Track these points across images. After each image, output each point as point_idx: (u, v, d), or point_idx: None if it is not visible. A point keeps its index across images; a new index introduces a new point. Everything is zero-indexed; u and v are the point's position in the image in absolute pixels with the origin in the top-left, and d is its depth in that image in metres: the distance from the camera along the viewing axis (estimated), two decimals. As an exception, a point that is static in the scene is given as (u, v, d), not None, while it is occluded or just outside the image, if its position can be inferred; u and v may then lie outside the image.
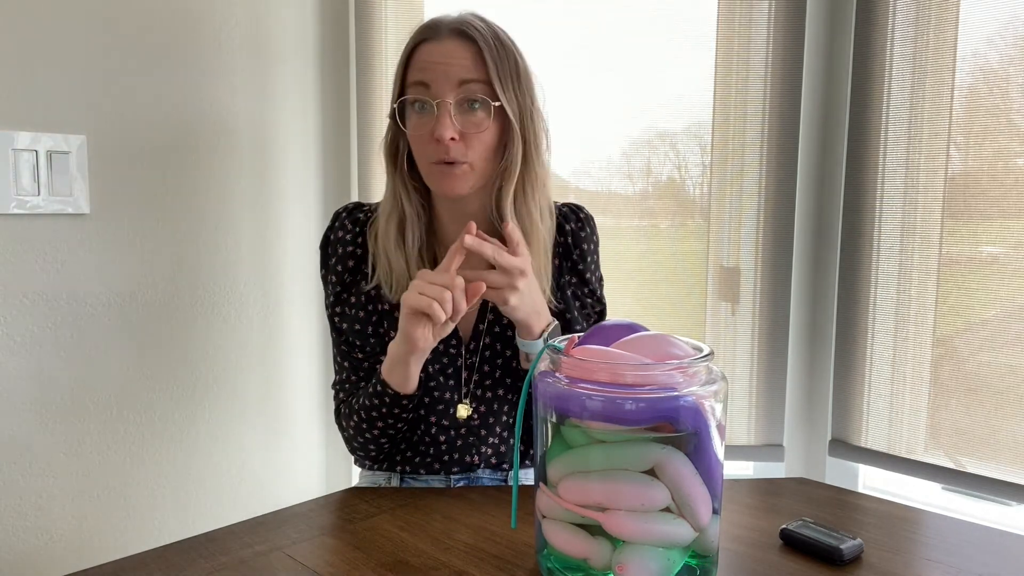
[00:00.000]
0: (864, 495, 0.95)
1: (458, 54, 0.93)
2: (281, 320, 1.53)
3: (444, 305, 0.85)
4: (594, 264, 1.09)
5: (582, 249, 1.06)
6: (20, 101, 1.15)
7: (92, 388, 1.26)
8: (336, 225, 1.06)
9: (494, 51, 0.94)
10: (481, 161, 0.95)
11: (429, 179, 0.97)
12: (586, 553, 0.66)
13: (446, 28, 0.95)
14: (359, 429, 0.98)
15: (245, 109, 1.44)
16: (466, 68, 0.93)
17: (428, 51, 0.94)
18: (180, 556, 0.76)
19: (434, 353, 1.00)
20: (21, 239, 1.17)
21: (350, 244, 1.04)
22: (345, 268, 1.04)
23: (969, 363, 1.29)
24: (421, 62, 0.94)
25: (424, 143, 0.94)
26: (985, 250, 1.27)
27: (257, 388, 1.50)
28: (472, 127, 0.93)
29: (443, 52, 0.93)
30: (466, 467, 1.03)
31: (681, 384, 0.64)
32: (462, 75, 0.92)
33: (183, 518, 1.40)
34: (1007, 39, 1.23)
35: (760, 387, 1.48)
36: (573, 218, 1.07)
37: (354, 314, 1.03)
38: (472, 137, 0.93)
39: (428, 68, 0.93)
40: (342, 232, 1.04)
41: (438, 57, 0.93)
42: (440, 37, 0.94)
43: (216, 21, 1.38)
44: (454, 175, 0.94)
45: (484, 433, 1.03)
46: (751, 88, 1.42)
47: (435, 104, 0.92)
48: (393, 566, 0.74)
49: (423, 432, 1.02)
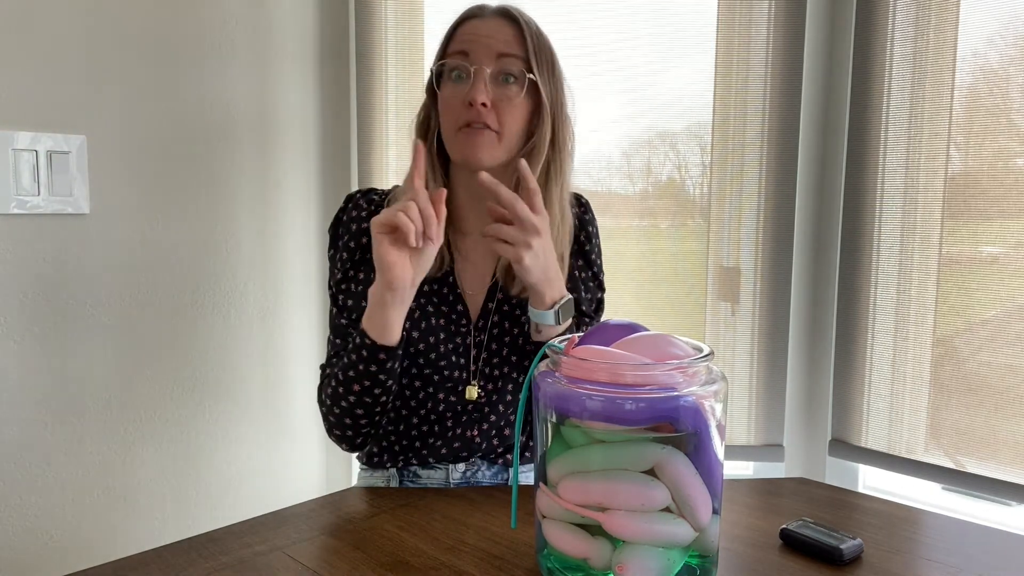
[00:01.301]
0: (864, 495, 0.95)
1: (501, 30, 0.97)
2: (281, 320, 1.53)
3: (410, 213, 0.83)
4: (598, 247, 1.11)
5: (587, 232, 1.09)
6: (20, 101, 1.15)
7: (92, 388, 1.26)
8: (349, 206, 1.05)
9: (534, 36, 0.98)
10: (509, 132, 0.96)
11: (454, 145, 0.97)
12: (586, 553, 0.66)
13: (491, 9, 1.00)
14: (335, 396, 0.94)
15: (245, 109, 1.44)
16: (506, 43, 0.96)
17: (472, 26, 0.98)
18: (180, 556, 0.76)
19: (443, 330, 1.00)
20: (21, 239, 1.17)
21: (364, 221, 1.02)
22: (358, 245, 1.02)
23: (969, 363, 1.29)
24: (464, 35, 0.98)
25: (455, 108, 0.96)
26: (985, 250, 1.27)
27: (257, 388, 1.50)
28: (505, 98, 0.96)
29: (487, 27, 0.97)
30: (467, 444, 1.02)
31: (681, 384, 0.64)
32: (501, 48, 0.95)
33: (183, 518, 1.40)
34: (1007, 39, 1.23)
35: (760, 387, 1.48)
36: (575, 203, 1.09)
37: (361, 291, 1.00)
38: (504, 107, 0.95)
39: (470, 40, 0.97)
40: (355, 211, 1.03)
41: (482, 31, 0.97)
42: (485, 15, 0.99)
43: (216, 21, 1.38)
44: (480, 140, 0.95)
45: (488, 411, 1.02)
46: (751, 88, 1.42)
47: (472, 70, 0.95)
48: (393, 566, 0.74)
49: (431, 408, 1.01)
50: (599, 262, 1.11)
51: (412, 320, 1.00)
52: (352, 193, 1.07)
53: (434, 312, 1.01)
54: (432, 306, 1.01)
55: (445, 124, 0.98)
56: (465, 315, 1.02)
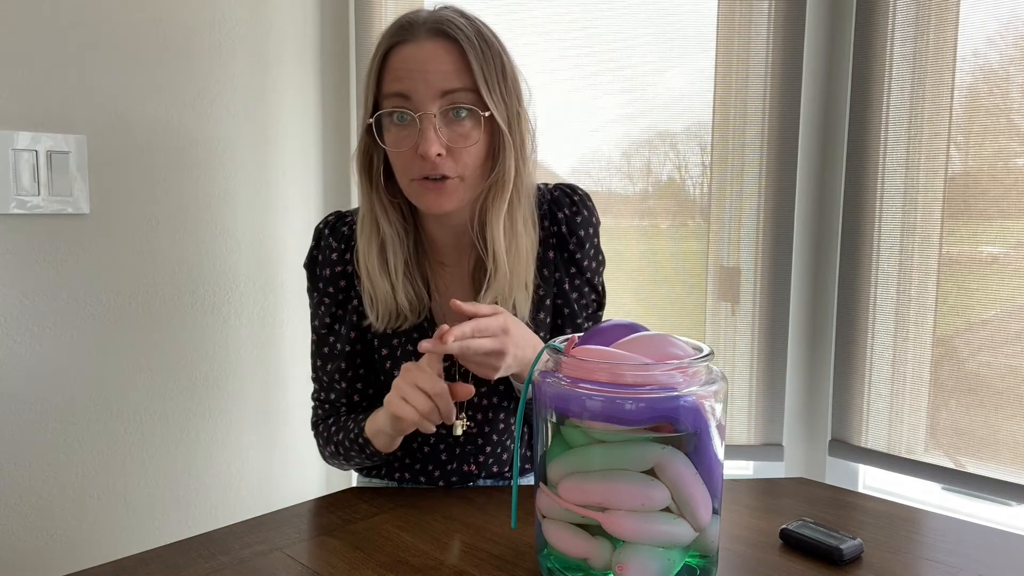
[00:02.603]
0: (864, 495, 0.95)
1: (439, 58, 0.83)
2: (281, 320, 1.53)
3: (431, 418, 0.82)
4: (593, 249, 1.00)
5: (579, 236, 0.98)
6: (20, 101, 1.15)
7: (92, 388, 1.26)
8: (321, 244, 0.99)
9: (479, 52, 0.84)
10: (471, 174, 0.87)
11: (412, 196, 0.89)
12: (586, 553, 0.66)
13: (423, 28, 0.84)
14: (336, 455, 0.98)
15: (245, 109, 1.44)
16: (449, 75, 0.83)
17: (404, 56, 0.84)
18: (180, 556, 0.76)
19: None
20: (21, 239, 1.17)
21: (337, 264, 0.97)
22: (337, 288, 0.97)
23: (969, 363, 1.29)
24: (397, 69, 0.85)
25: (407, 159, 0.86)
26: (985, 250, 1.27)
27: (257, 388, 1.50)
28: (460, 140, 0.85)
29: (422, 57, 0.83)
30: (465, 476, 1.00)
31: (681, 384, 0.64)
32: (445, 84, 0.83)
33: (183, 518, 1.40)
34: (1007, 39, 1.23)
35: (760, 387, 1.48)
36: (567, 203, 0.98)
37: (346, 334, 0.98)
38: (460, 152, 0.85)
39: (406, 76, 0.84)
40: (328, 251, 0.97)
41: (415, 63, 0.83)
42: (417, 38, 0.84)
43: (216, 21, 1.38)
44: (443, 190, 0.86)
45: (482, 442, 0.99)
46: (751, 88, 1.42)
47: (417, 117, 0.84)
48: (393, 566, 0.74)
49: (421, 443, 0.99)
50: (594, 265, 1.01)
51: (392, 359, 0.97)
52: (319, 227, 1.00)
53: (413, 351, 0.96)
54: (411, 344, 0.96)
55: (398, 171, 0.89)
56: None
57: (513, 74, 0.90)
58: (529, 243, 0.94)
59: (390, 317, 0.94)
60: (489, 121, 0.86)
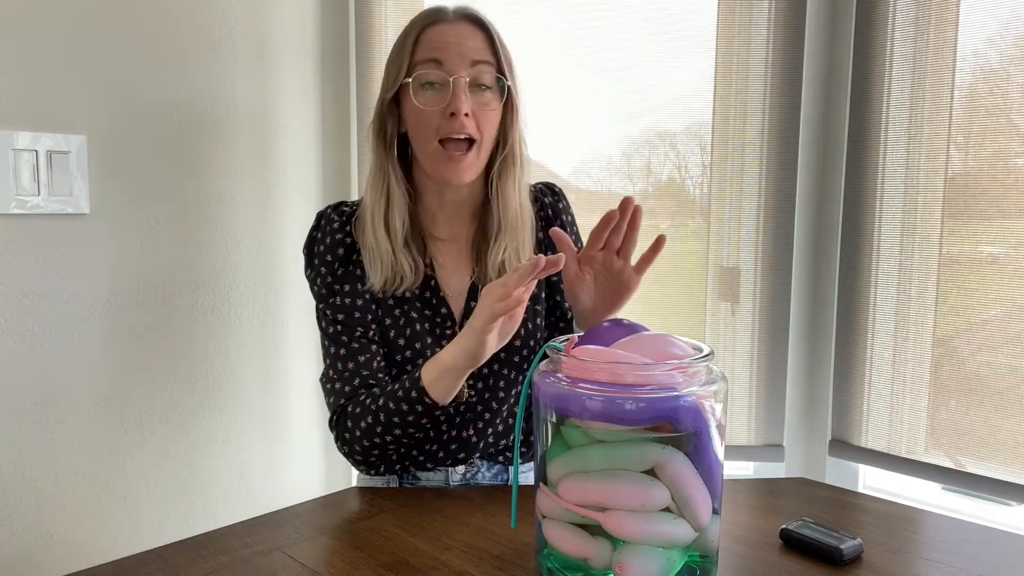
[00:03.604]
0: (864, 495, 0.95)
1: (471, 36, 0.95)
2: (281, 320, 1.53)
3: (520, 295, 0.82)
4: (574, 236, 1.12)
5: (562, 220, 1.10)
6: (20, 101, 1.15)
7: (92, 388, 1.26)
8: (322, 223, 1.04)
9: (498, 38, 0.98)
10: (487, 141, 0.97)
11: (433, 163, 0.97)
12: (586, 553, 0.66)
13: (454, 13, 0.97)
14: (370, 431, 0.92)
15: (245, 109, 1.44)
16: (479, 50, 0.95)
17: (439, 31, 0.95)
18: (180, 556, 0.76)
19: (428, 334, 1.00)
20: (21, 239, 1.17)
21: (338, 232, 1.01)
22: (335, 257, 1.01)
23: (969, 363, 1.29)
24: (432, 41, 0.95)
25: (432, 119, 0.94)
26: (985, 250, 1.27)
27: (257, 388, 1.50)
28: (482, 106, 0.95)
29: (456, 32, 0.95)
30: (464, 444, 1.01)
31: (681, 384, 0.64)
32: (475, 55, 0.94)
33: (183, 518, 1.40)
34: (1007, 39, 1.23)
35: (760, 387, 1.48)
36: (549, 193, 1.11)
37: (351, 303, 1.00)
38: (482, 116, 0.95)
39: (441, 47, 0.94)
40: (328, 225, 1.02)
41: (452, 37, 0.94)
42: (449, 20, 0.96)
43: (216, 20, 1.38)
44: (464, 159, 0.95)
45: (481, 409, 1.02)
46: (751, 88, 1.42)
47: (450, 80, 0.93)
48: (393, 566, 0.74)
49: None
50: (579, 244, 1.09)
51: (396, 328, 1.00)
52: (321, 211, 1.06)
53: (418, 318, 1.01)
54: (416, 311, 1.01)
55: (420, 136, 0.97)
56: (450, 317, 1.02)
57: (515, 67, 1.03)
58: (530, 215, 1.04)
59: (389, 278, 0.98)
60: (507, 95, 0.98)
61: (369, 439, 0.93)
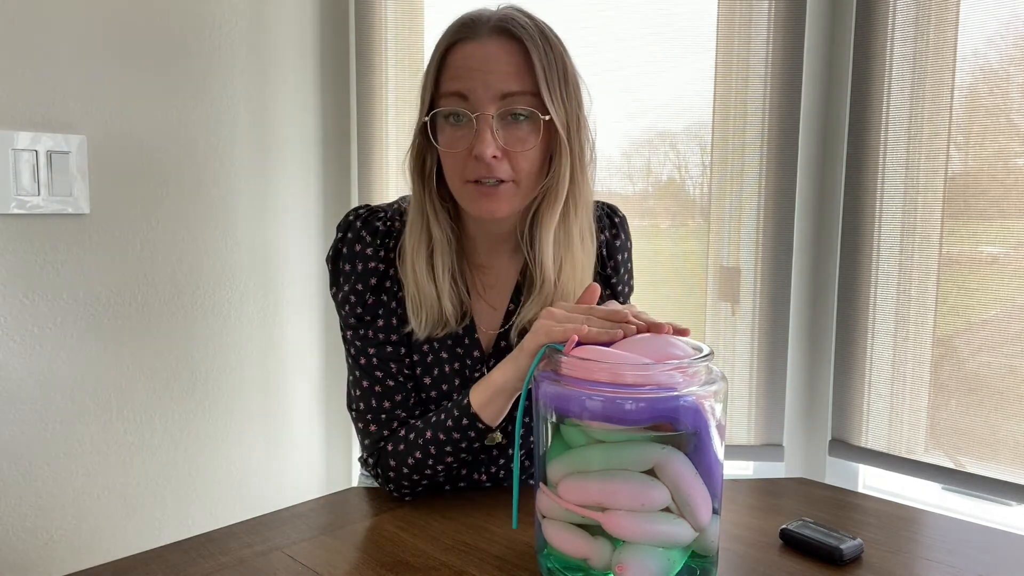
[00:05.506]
0: (864, 495, 0.95)
1: (502, 59, 0.81)
2: (281, 320, 1.53)
3: None
4: (627, 275, 0.99)
5: (616, 260, 0.97)
6: (20, 101, 1.15)
7: (92, 388, 1.26)
8: (349, 236, 0.91)
9: (542, 53, 0.82)
10: (527, 179, 0.84)
11: (463, 200, 0.86)
12: (586, 553, 0.66)
13: (486, 26, 0.82)
14: (419, 466, 0.86)
15: (245, 109, 1.44)
16: (510, 77, 0.80)
17: (466, 54, 0.81)
18: (180, 556, 0.76)
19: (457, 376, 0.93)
20: (21, 239, 1.17)
21: (372, 260, 0.90)
22: (367, 287, 0.90)
23: (969, 363, 1.29)
24: (457, 68, 0.82)
25: (460, 160, 0.83)
26: (985, 250, 1.27)
27: (257, 388, 1.50)
28: (517, 144, 0.82)
29: (484, 56, 0.81)
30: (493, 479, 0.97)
31: (681, 384, 0.64)
32: (505, 86, 0.80)
33: (183, 518, 1.40)
34: (1007, 39, 1.23)
35: (760, 387, 1.48)
36: (608, 224, 0.98)
37: (384, 337, 0.91)
38: (517, 155, 0.82)
39: (466, 75, 0.81)
40: (359, 245, 0.90)
41: (478, 62, 0.81)
42: (479, 36, 0.82)
43: (216, 21, 1.38)
44: (497, 195, 0.83)
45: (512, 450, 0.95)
46: (751, 88, 1.42)
47: (475, 118, 0.80)
48: (393, 566, 0.74)
49: None
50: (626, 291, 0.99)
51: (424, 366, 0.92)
52: (349, 218, 0.92)
53: (448, 358, 0.92)
54: (447, 351, 0.92)
55: (450, 174, 0.85)
56: (481, 360, 0.93)
57: (575, 79, 0.87)
58: (586, 258, 0.91)
59: (434, 324, 0.89)
60: (548, 126, 0.83)
61: (419, 472, 0.88)
